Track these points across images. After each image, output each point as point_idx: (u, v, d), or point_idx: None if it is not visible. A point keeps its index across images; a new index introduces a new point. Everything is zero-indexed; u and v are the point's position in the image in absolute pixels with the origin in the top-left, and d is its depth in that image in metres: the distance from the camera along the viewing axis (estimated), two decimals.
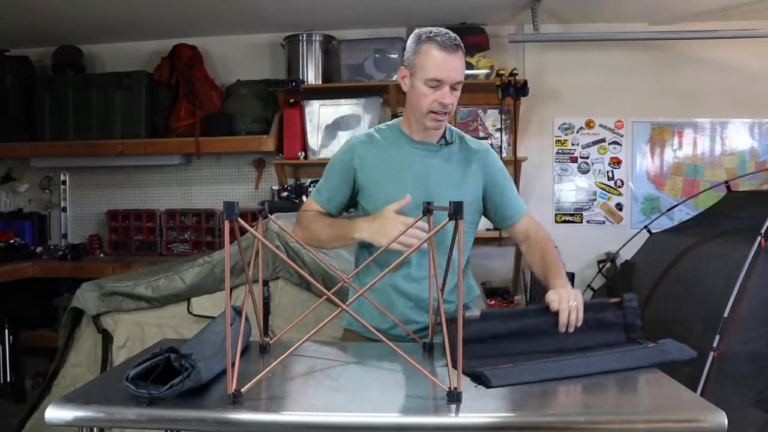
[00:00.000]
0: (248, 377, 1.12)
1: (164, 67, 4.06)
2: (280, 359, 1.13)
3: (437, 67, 1.56)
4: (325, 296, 1.29)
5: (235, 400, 1.06)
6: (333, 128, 3.88)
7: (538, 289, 3.92)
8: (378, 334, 1.31)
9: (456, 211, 1.11)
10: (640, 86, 4.02)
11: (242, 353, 1.36)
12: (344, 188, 1.73)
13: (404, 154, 1.69)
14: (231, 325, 1.18)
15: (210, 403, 1.09)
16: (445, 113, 1.61)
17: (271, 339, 1.55)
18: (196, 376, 1.08)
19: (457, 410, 1.07)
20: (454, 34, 1.61)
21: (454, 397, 1.09)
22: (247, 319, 1.36)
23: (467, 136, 1.79)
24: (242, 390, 1.08)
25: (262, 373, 1.12)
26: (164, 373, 1.07)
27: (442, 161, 1.69)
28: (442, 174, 1.68)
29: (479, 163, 1.72)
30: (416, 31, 1.63)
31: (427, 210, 1.45)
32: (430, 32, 1.59)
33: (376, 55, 3.87)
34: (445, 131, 1.72)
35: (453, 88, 1.60)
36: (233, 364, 1.08)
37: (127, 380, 1.06)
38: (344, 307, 1.16)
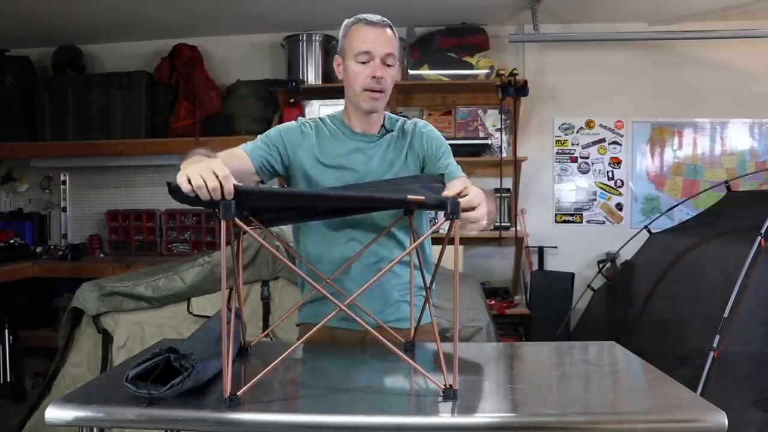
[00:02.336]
0: (242, 378, 1.12)
1: (164, 67, 4.06)
2: (277, 361, 1.13)
3: (364, 40, 1.58)
4: (314, 290, 1.29)
5: (232, 404, 1.06)
6: None
7: (539, 289, 3.92)
8: (369, 327, 1.26)
9: (453, 210, 1.06)
10: (640, 86, 4.02)
11: (237, 354, 1.36)
12: (273, 149, 1.71)
13: (344, 145, 1.66)
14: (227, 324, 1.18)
15: (210, 403, 1.09)
16: (380, 91, 1.59)
17: (271, 339, 1.54)
18: (196, 376, 1.08)
19: (454, 408, 1.06)
20: (382, 17, 1.61)
21: (450, 394, 1.09)
22: (240, 318, 1.36)
23: (403, 119, 1.76)
24: (238, 393, 1.07)
25: (259, 375, 1.12)
26: (164, 373, 1.07)
27: (381, 150, 1.66)
28: (382, 160, 1.65)
29: (415, 138, 1.67)
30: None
31: (408, 210, 1.41)
32: (357, 16, 1.61)
33: None
34: (384, 120, 1.70)
35: (386, 63, 1.59)
36: (228, 366, 1.08)
37: (127, 380, 1.06)
38: (342, 306, 1.16)
